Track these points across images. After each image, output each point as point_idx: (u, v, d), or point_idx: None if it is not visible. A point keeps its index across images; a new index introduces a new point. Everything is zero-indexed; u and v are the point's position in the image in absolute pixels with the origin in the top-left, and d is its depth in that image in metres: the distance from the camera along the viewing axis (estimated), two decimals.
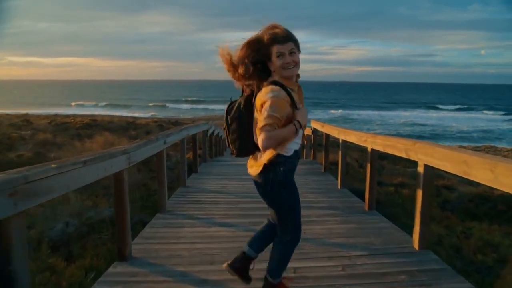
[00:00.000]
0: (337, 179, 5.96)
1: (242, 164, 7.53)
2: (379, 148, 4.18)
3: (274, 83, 2.04)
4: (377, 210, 4.54)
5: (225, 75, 2.15)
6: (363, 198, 4.78)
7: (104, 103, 69.47)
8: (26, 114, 25.80)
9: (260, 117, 2.00)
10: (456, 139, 36.57)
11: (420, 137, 37.45)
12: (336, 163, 8.55)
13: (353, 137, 5.12)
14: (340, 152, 5.75)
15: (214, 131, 9.22)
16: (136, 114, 43.21)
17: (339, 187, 5.78)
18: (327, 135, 7.04)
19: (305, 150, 8.91)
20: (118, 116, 30.25)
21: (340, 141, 5.67)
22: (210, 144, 8.96)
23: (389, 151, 3.90)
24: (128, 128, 19.10)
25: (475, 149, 24.32)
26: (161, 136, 4.40)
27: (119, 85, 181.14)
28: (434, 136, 38.05)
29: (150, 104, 69.03)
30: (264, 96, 2.00)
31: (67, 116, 27.05)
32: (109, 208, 4.36)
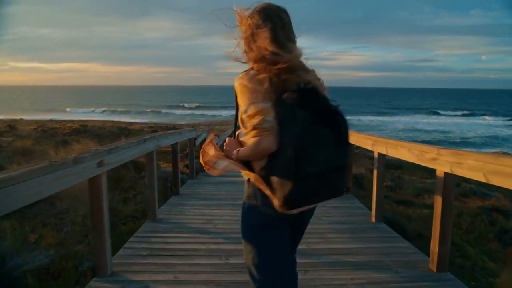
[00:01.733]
0: (369, 207, 4.48)
1: (237, 182, 5.98)
2: (464, 173, 2.48)
3: None
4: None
5: (226, 80, 1.26)
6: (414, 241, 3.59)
7: (101, 109, 68.26)
8: (14, 120, 24.71)
9: None
10: (459, 145, 35.89)
11: (425, 143, 36.78)
12: (356, 177, 7.55)
13: (404, 151, 3.26)
14: (375, 172, 4.09)
15: (205, 139, 8.06)
16: (133, 120, 42.26)
17: (373, 220, 4.18)
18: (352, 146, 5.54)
19: None
20: (112, 121, 29.13)
21: (376, 155, 4.05)
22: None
23: (496, 182, 2.18)
24: (119, 134, 18.02)
25: None
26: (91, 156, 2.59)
27: (119, 90, 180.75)
28: (437, 143, 37.50)
29: (148, 110, 67.84)
30: None
31: (59, 121, 26.00)
32: (55, 247, 3.18)
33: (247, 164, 1.51)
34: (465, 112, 70.22)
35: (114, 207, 4.47)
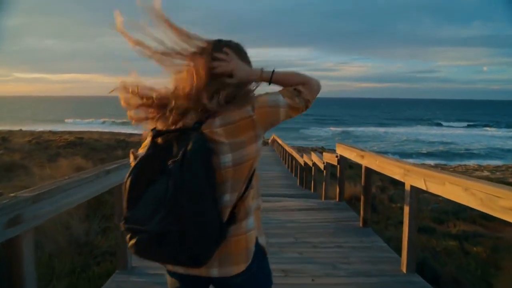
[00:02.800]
0: (394, 247, 3.64)
1: None
2: None
3: None
4: None
5: None
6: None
7: (100, 120, 67.61)
8: (10, 131, 24.19)
9: (274, 111, 1.25)
10: (464, 156, 35.32)
11: (428, 154, 36.52)
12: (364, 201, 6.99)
13: (458, 191, 2.32)
14: (407, 209, 3.04)
15: None
16: (134, 131, 41.64)
17: (404, 269, 3.12)
18: (369, 172, 4.31)
19: (324, 184, 6.46)
20: (111, 133, 28.56)
21: (408, 188, 3.02)
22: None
23: None
24: (116, 148, 17.42)
25: (497, 168, 22.52)
26: None
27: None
28: (443, 154, 37.01)
29: None
30: (257, 99, 1.27)
31: (56, 133, 25.48)
32: None
33: None
34: (468, 123, 69.68)
35: (90, 241, 3.85)
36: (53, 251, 3.59)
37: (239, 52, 1.31)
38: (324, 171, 6.61)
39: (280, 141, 16.51)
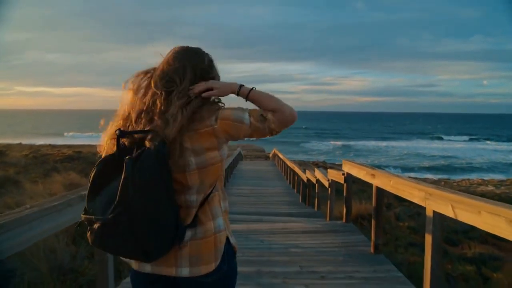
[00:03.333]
0: (410, 279, 3.23)
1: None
2: None
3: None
4: None
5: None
6: None
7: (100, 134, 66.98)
8: (9, 145, 23.88)
9: (232, 125, 1.31)
10: (466, 170, 34.96)
11: (430, 168, 36.18)
12: (362, 216, 6.72)
13: (498, 221, 1.98)
14: (429, 238, 2.67)
15: None
16: None
17: None
18: (381, 193, 3.90)
19: (329, 202, 6.06)
20: None
21: (431, 215, 2.66)
22: None
23: None
24: None
25: (501, 183, 22.11)
26: None
27: None
28: (445, 168, 36.66)
29: None
30: (220, 111, 1.34)
31: (55, 146, 25.20)
32: None
33: None
34: (470, 137, 69.44)
35: (76, 267, 3.50)
36: (34, 278, 3.25)
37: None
38: (329, 189, 6.27)
39: (281, 156, 16.22)
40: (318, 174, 7.30)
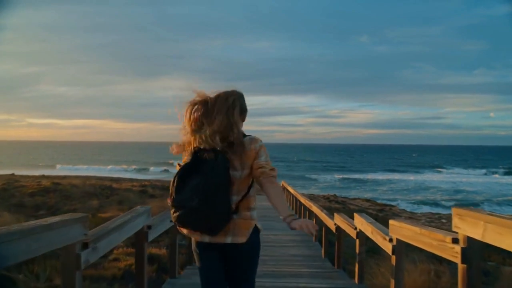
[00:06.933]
0: None
1: None
2: None
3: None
4: None
5: None
6: None
7: (97, 166, 64.17)
8: None
9: (259, 157, 2.12)
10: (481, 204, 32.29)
11: (440, 201, 33.69)
12: None
13: None
14: (463, 272, 2.03)
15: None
16: (134, 176, 39.00)
17: None
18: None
19: (359, 262, 4.36)
20: (97, 177, 25.85)
21: (464, 245, 2.03)
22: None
23: None
24: (94, 195, 14.73)
25: None
26: None
27: (131, 146, 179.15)
28: (460, 201, 34.05)
29: (151, 168, 64.16)
30: (258, 143, 2.15)
31: (36, 177, 22.96)
32: None
33: None
34: (483, 171, 66.77)
35: None
36: None
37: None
38: (357, 240, 4.27)
39: (291, 190, 13.47)
40: (339, 220, 5.07)
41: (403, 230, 2.62)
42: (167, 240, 5.50)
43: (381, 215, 20.44)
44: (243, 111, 2.17)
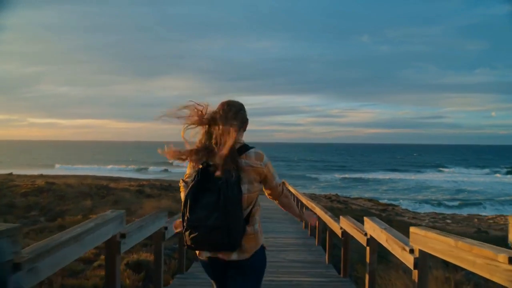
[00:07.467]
0: None
1: None
2: None
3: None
4: None
5: None
6: None
7: (97, 166, 63.57)
8: None
9: (274, 179, 2.22)
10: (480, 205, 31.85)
11: (443, 201, 33.22)
12: None
13: None
14: None
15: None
16: (133, 176, 38.53)
17: None
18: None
19: (369, 273, 3.74)
20: (94, 177, 25.37)
21: None
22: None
23: None
24: (88, 195, 14.25)
25: None
26: None
27: (132, 145, 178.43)
28: (462, 201, 33.54)
29: (150, 168, 63.75)
30: (264, 160, 2.15)
31: (32, 177, 22.50)
32: None
33: None
34: (484, 170, 66.26)
35: None
36: None
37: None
38: (368, 248, 3.78)
39: (292, 190, 12.96)
40: (346, 224, 4.59)
41: (429, 241, 2.15)
42: None
43: (384, 215, 19.96)
44: (244, 122, 2.23)
